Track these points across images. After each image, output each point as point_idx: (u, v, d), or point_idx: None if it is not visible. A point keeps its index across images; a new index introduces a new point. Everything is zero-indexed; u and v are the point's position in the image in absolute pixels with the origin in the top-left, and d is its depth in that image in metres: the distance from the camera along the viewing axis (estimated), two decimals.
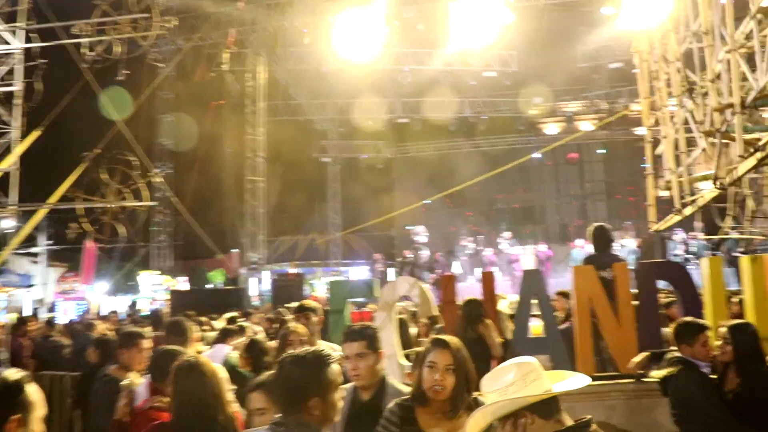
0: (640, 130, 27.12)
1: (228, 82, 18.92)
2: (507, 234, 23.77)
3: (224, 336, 6.56)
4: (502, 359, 5.71)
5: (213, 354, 6.13)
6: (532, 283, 5.51)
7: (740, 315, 5.64)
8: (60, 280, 23.45)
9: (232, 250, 26.84)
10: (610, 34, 20.28)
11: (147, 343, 4.92)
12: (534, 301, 5.58)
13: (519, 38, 21.47)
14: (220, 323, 9.97)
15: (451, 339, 3.14)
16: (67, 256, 29.04)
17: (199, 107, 19.74)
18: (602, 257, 5.82)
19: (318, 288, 22.54)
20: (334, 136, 26.49)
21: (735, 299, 6.33)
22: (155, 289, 22.34)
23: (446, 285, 5.97)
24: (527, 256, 21.30)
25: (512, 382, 2.10)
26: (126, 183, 12.06)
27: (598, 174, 27.64)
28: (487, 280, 6.04)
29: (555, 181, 28.38)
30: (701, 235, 22.11)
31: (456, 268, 22.33)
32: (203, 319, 10.86)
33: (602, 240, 6.03)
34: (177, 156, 21.98)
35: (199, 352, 6.79)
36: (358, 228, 25.22)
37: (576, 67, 22.76)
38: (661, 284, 5.80)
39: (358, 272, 26.03)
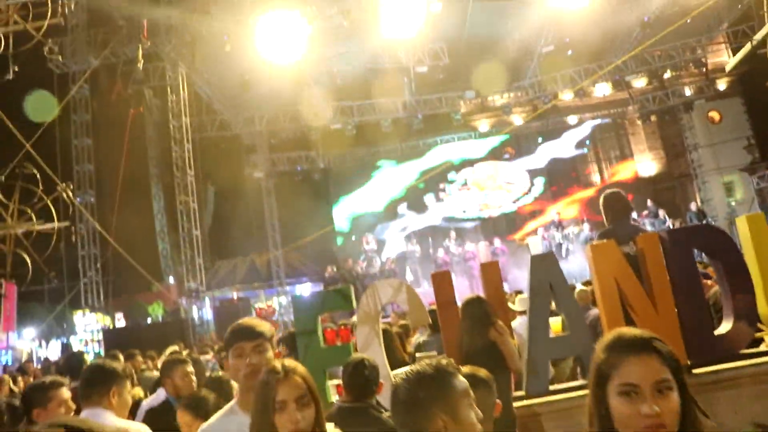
0: (571, 119, 27.11)
1: (147, 98, 17.57)
2: (452, 234, 23.10)
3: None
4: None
5: (156, 399, 4.97)
6: (544, 269, 4.53)
7: None
8: None
9: (169, 281, 25.31)
10: (542, 17, 19.84)
11: (67, 392, 3.70)
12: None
13: (449, 31, 20.86)
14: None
15: (651, 334, 1.80)
16: None
17: (118, 128, 18.24)
18: (621, 229, 4.86)
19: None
20: (265, 150, 25.20)
21: None
22: (90, 329, 20.70)
23: (441, 283, 4.91)
24: (482, 252, 20.59)
25: None
26: (29, 202, 10.52)
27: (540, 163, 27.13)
28: (490, 272, 4.99)
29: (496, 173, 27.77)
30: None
31: (408, 274, 21.45)
32: (139, 359, 9.65)
33: (617, 209, 5.08)
34: (99, 182, 20.32)
35: (137, 400, 5.60)
36: (299, 244, 24.04)
37: (508, 56, 22.20)
38: None
39: (304, 290, 24.91)
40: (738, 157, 25.93)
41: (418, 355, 5.80)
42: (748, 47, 10.34)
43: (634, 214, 21.67)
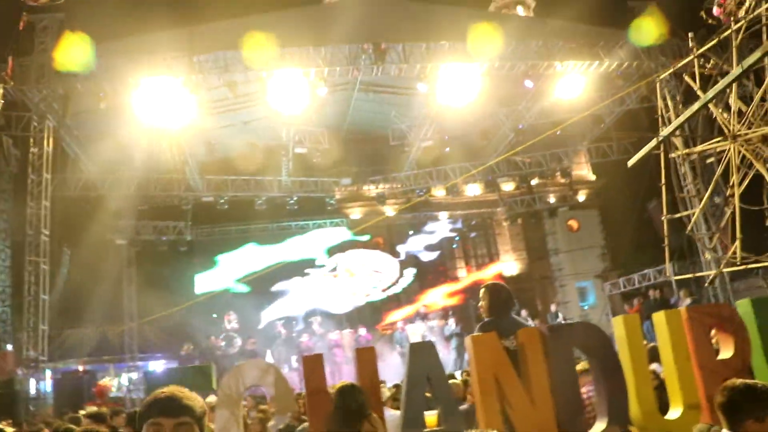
0: (442, 215, 27.86)
1: (5, 147, 16.38)
2: (317, 318, 22.72)
3: None
4: None
5: None
6: (423, 359, 4.31)
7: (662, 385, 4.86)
8: None
9: (5, 348, 23.13)
10: (423, 112, 20.48)
11: None
12: None
13: (332, 116, 21.13)
14: None
15: None
16: None
17: None
18: (502, 322, 4.76)
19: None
20: (131, 216, 24.05)
21: None
22: None
23: (312, 368, 4.56)
24: (346, 340, 20.27)
25: None
26: None
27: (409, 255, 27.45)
28: (366, 358, 4.70)
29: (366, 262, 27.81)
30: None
31: (269, 356, 20.70)
32: None
33: (500, 301, 4.98)
34: None
35: None
36: (155, 317, 22.68)
37: (387, 146, 22.67)
38: None
39: (157, 367, 23.50)
40: (593, 264, 27.44)
41: None
42: (653, 143, 11.06)
43: None
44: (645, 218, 22.54)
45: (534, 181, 27.24)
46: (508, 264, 28.20)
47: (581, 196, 28.48)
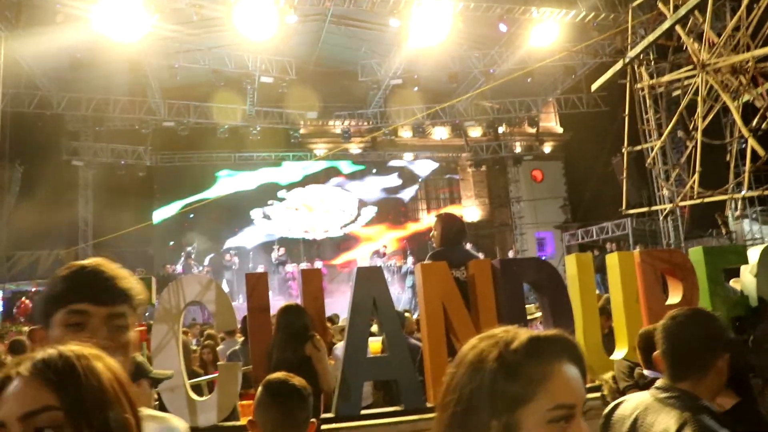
0: (407, 156, 27.67)
1: None
2: (281, 250, 22.65)
3: None
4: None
5: None
6: (370, 283, 4.19)
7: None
8: None
9: None
10: (394, 50, 20.07)
11: None
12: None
13: (301, 47, 20.61)
14: None
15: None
16: None
17: None
18: (453, 253, 4.64)
19: None
20: (89, 137, 23.42)
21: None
22: None
23: (255, 285, 4.41)
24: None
25: None
26: None
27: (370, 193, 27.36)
28: (312, 280, 4.57)
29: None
30: None
31: (224, 286, 20.60)
32: None
33: (452, 232, 4.86)
34: None
35: None
36: (108, 238, 22.08)
37: (356, 82, 22.23)
38: None
39: None
40: (553, 215, 27.66)
41: (219, 363, 5.29)
42: (618, 65, 10.89)
43: None
44: (608, 172, 22.64)
45: (501, 129, 27.14)
46: (470, 209, 28.28)
47: (547, 147, 28.52)
